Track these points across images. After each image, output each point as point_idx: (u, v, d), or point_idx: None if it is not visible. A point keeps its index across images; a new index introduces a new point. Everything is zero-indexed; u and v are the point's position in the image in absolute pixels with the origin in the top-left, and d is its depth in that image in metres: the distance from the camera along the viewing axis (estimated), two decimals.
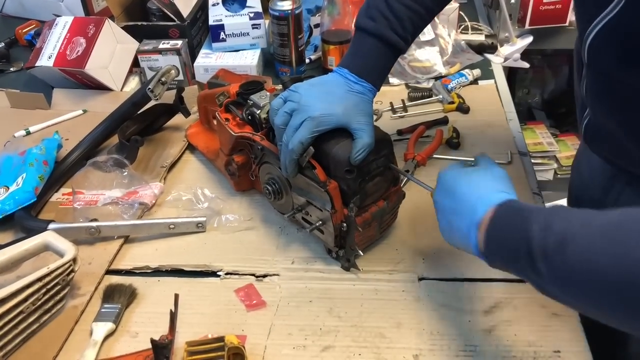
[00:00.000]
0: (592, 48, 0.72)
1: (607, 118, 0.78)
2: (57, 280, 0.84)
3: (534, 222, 0.60)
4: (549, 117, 2.22)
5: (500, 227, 0.66)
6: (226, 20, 1.42)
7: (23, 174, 1.04)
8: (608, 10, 0.67)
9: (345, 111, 0.84)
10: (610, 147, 0.83)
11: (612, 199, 0.91)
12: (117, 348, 0.82)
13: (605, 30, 0.68)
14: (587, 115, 0.83)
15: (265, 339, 0.82)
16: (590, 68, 0.76)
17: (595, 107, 0.80)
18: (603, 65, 0.73)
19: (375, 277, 0.91)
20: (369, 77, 0.87)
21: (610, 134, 0.79)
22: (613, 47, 0.68)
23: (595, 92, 0.78)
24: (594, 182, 0.96)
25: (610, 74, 0.72)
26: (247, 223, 1.02)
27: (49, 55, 1.36)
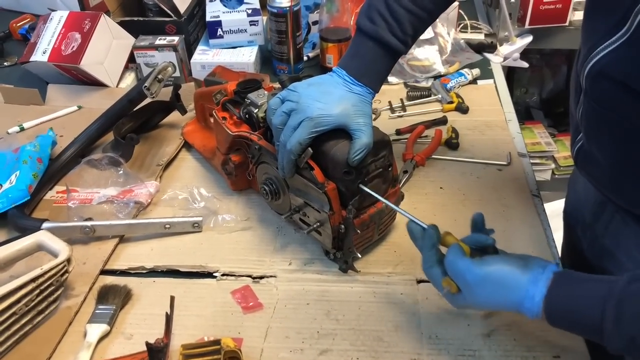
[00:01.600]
0: (591, 75, 0.70)
1: (598, 147, 0.76)
2: (50, 281, 0.82)
3: (605, 317, 0.61)
4: (547, 117, 2.22)
5: (564, 315, 0.65)
6: (223, 16, 1.40)
7: (16, 172, 1.02)
8: (613, 40, 0.65)
9: (343, 112, 0.83)
10: (599, 176, 0.81)
11: (602, 226, 0.89)
12: (112, 350, 0.81)
13: (608, 60, 0.66)
14: (580, 139, 0.81)
15: (262, 342, 0.81)
16: (587, 95, 0.73)
17: (589, 135, 0.77)
18: (601, 95, 0.70)
19: (374, 279, 0.90)
20: (368, 79, 0.86)
21: (599, 163, 0.77)
22: (613, 77, 0.66)
23: (591, 120, 0.75)
24: (587, 204, 0.94)
25: (607, 104, 0.70)
26: (244, 223, 1.01)
27: (44, 50, 1.34)
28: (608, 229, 0.88)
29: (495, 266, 0.69)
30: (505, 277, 0.68)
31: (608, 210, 0.88)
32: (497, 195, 1.05)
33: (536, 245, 0.94)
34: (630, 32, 0.62)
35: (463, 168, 1.12)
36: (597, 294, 0.62)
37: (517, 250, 0.90)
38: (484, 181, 1.08)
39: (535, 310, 0.66)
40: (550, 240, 0.95)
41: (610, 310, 0.60)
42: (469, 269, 0.69)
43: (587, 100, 0.74)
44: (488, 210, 1.00)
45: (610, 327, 0.60)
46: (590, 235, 0.94)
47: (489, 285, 0.69)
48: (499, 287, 0.68)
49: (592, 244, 0.94)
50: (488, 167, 1.11)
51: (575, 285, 0.65)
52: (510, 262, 0.69)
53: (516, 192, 1.05)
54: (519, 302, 0.67)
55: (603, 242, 0.90)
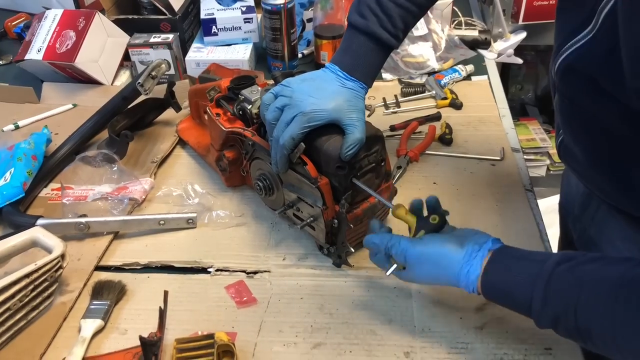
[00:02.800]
0: (560, 71, 0.71)
1: (574, 142, 0.78)
2: (45, 276, 0.83)
3: (534, 296, 0.65)
4: (542, 113, 2.22)
5: (497, 281, 0.70)
6: (218, 14, 1.41)
7: (11, 169, 1.02)
8: (580, 37, 0.66)
9: (336, 107, 0.83)
10: (579, 170, 0.83)
11: (589, 217, 0.91)
12: (106, 345, 0.82)
13: (575, 55, 0.68)
14: (561, 133, 0.82)
15: (255, 336, 0.81)
16: (559, 91, 0.76)
17: (565, 129, 0.79)
18: (570, 90, 0.73)
19: (367, 273, 0.90)
20: (360, 74, 0.86)
21: (579, 157, 0.79)
22: (580, 72, 0.68)
23: (564, 115, 0.78)
24: (576, 196, 0.96)
25: (577, 99, 0.72)
26: (238, 219, 1.01)
27: (39, 48, 1.34)
28: (594, 219, 0.90)
29: (432, 245, 0.74)
30: (440, 256, 0.73)
31: (594, 201, 0.89)
32: (490, 190, 1.05)
33: (529, 239, 0.94)
34: (596, 29, 0.64)
35: (457, 163, 1.12)
36: (528, 273, 0.66)
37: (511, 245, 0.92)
38: (478, 176, 1.09)
39: (471, 287, 0.71)
40: (543, 234, 0.96)
41: (539, 290, 0.64)
42: (407, 249, 0.75)
43: (559, 96, 0.76)
44: (481, 205, 1.02)
45: (538, 306, 0.65)
46: (579, 226, 0.95)
47: (427, 264, 0.74)
48: (435, 266, 0.73)
49: (580, 235, 0.96)
50: (481, 163, 1.12)
51: (509, 263, 0.69)
52: (448, 240, 0.73)
53: (509, 187, 1.06)
54: (455, 279, 0.72)
55: (590, 232, 0.91)
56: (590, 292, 0.62)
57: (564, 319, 0.63)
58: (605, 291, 0.61)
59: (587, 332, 0.62)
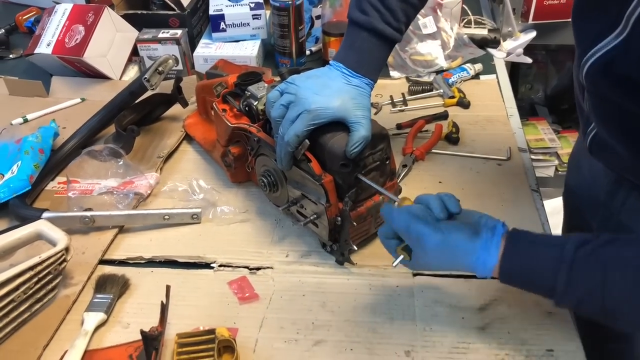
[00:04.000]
0: (590, 75, 0.70)
1: (612, 137, 0.76)
2: (48, 269, 0.83)
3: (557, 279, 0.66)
4: (552, 113, 2.21)
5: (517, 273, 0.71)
6: (227, 10, 1.41)
7: (18, 162, 1.03)
8: (608, 40, 0.65)
9: (342, 104, 0.83)
10: (616, 161, 0.81)
11: (619, 202, 0.89)
12: (108, 338, 0.82)
13: (607, 59, 0.66)
14: (592, 128, 0.80)
15: (257, 332, 0.82)
16: (590, 93, 0.74)
17: (600, 127, 0.77)
18: (604, 92, 0.71)
19: (370, 271, 0.90)
20: (365, 70, 0.86)
21: (616, 149, 0.77)
22: (614, 75, 0.67)
23: (599, 114, 0.75)
24: (597, 184, 0.94)
25: (611, 99, 0.70)
26: (243, 215, 1.01)
27: (48, 42, 1.35)
28: (625, 204, 0.88)
29: (452, 234, 0.72)
30: (459, 244, 0.72)
31: (624, 187, 0.88)
32: (496, 190, 1.04)
33: None
34: (626, 33, 0.62)
35: (463, 163, 1.11)
36: (549, 258, 0.67)
37: None
38: (484, 176, 1.08)
39: (489, 274, 0.71)
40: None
41: (562, 274, 0.65)
42: (427, 234, 0.72)
43: (591, 96, 0.74)
44: (487, 205, 1.01)
45: (561, 290, 0.66)
46: (603, 212, 0.94)
47: (446, 251, 0.72)
48: (454, 254, 0.72)
49: (605, 221, 0.94)
50: (488, 162, 1.11)
51: (526, 249, 0.70)
52: (464, 229, 0.72)
53: (515, 187, 1.05)
54: (472, 267, 0.72)
55: (619, 218, 0.90)
56: (615, 275, 0.64)
57: (589, 301, 0.65)
58: (630, 272, 0.63)
59: (613, 312, 0.65)
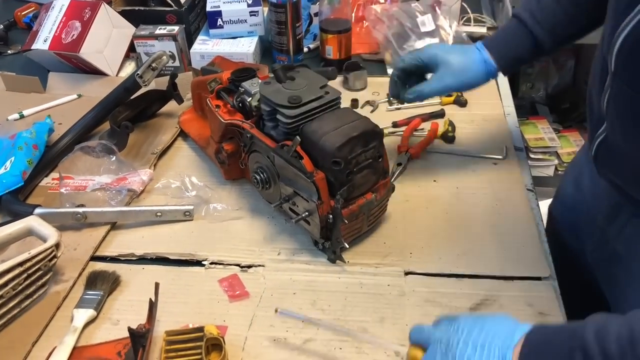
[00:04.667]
0: (622, 52, 0.64)
1: (625, 136, 0.71)
2: (38, 265, 0.83)
3: (586, 330, 0.54)
4: (552, 112, 2.20)
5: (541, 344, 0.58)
6: (224, 6, 1.40)
7: (11, 158, 1.03)
8: None
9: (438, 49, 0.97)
10: (622, 170, 0.77)
11: (616, 229, 0.86)
12: (98, 335, 0.82)
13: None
14: (602, 132, 0.76)
15: (246, 330, 0.81)
16: (616, 77, 0.68)
17: (616, 123, 0.72)
18: (633, 72, 0.65)
19: (361, 270, 0.89)
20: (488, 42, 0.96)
21: (625, 156, 0.73)
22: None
23: (620, 105, 0.70)
24: (597, 205, 0.91)
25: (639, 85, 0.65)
26: (235, 213, 1.01)
27: (45, 38, 1.35)
28: (622, 233, 0.85)
29: None
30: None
31: (624, 213, 0.84)
32: (491, 188, 1.04)
33: (527, 240, 0.93)
34: None
35: (458, 161, 1.11)
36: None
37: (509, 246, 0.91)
38: (479, 174, 1.07)
39: None
40: (542, 235, 0.94)
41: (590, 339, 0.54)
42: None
43: (617, 82, 0.69)
44: (481, 204, 1.00)
45: None
46: (599, 237, 0.91)
47: None
48: None
49: (600, 247, 0.92)
50: (484, 161, 1.10)
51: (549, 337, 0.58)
52: None
53: (510, 186, 1.04)
54: None
55: (615, 246, 0.87)
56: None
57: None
58: None
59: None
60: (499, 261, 0.89)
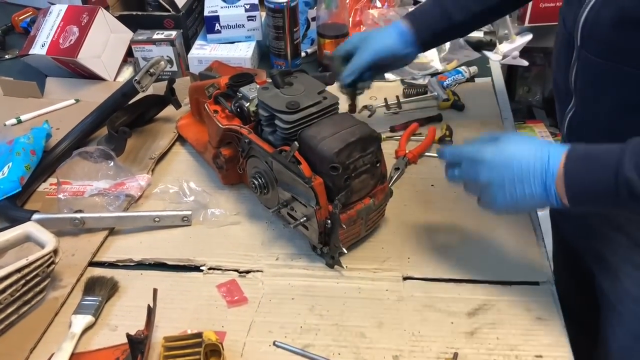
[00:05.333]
0: (585, 25, 0.72)
1: (594, 109, 0.77)
2: (36, 271, 0.83)
3: (626, 170, 0.62)
4: (549, 116, 2.20)
5: (583, 178, 0.66)
6: (221, 11, 1.40)
7: (9, 163, 1.03)
8: None
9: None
10: (595, 140, 0.80)
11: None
12: (96, 341, 0.82)
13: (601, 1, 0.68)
14: (571, 107, 0.81)
15: (244, 335, 0.81)
16: (582, 49, 0.75)
17: (584, 94, 0.78)
18: (597, 41, 0.72)
19: (360, 275, 0.89)
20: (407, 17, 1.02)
21: (595, 125, 0.78)
22: (610, 15, 0.68)
23: (587, 74, 0.76)
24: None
25: (607, 46, 0.71)
26: (233, 218, 1.01)
27: (43, 43, 1.35)
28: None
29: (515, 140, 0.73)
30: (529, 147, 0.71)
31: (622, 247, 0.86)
32: None
33: (525, 245, 0.93)
34: None
35: None
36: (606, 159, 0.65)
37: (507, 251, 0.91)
38: None
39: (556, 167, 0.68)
40: (540, 239, 0.94)
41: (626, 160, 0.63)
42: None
43: (583, 55, 0.75)
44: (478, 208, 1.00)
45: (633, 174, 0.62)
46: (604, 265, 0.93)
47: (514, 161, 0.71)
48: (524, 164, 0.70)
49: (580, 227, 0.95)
50: None
51: (585, 161, 0.67)
52: None
53: None
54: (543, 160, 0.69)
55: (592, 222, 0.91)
56: None
57: None
58: None
59: None
60: (497, 266, 0.89)
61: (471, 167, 0.75)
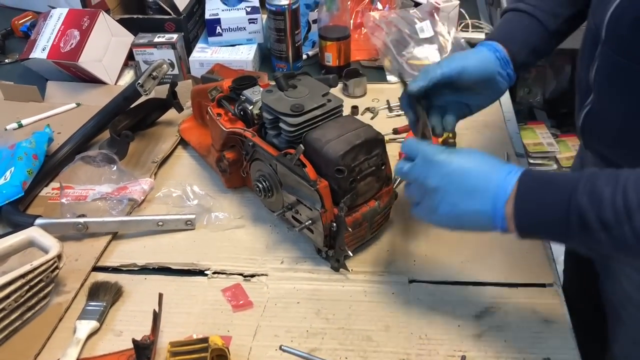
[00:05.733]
0: (611, 21, 0.70)
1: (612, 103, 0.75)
2: (40, 277, 0.82)
3: (579, 196, 0.59)
4: (550, 117, 2.20)
5: (534, 201, 0.63)
6: (223, 14, 1.40)
7: (11, 168, 1.02)
8: None
9: None
10: (607, 138, 0.80)
11: None
12: (101, 347, 0.81)
13: None
14: (589, 103, 0.80)
15: (250, 340, 0.81)
16: (605, 45, 0.73)
17: (602, 91, 0.76)
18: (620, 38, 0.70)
19: (365, 278, 0.89)
20: (495, 36, 0.88)
21: (610, 122, 0.77)
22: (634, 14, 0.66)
23: (607, 72, 0.74)
24: None
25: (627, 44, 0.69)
26: (237, 221, 1.00)
27: (43, 47, 1.35)
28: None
29: (472, 157, 0.70)
30: (480, 171, 0.69)
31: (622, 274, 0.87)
32: None
33: (531, 247, 0.92)
34: None
35: None
36: (562, 185, 0.62)
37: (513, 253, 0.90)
38: None
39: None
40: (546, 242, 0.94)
41: (582, 188, 0.60)
42: (441, 162, 0.70)
43: (605, 51, 0.73)
44: None
45: (588, 205, 0.59)
46: None
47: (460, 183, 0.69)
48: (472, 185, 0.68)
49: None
50: None
51: (541, 184, 0.64)
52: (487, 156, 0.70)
53: None
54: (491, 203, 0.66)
55: None
56: None
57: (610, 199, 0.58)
58: None
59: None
60: (503, 268, 0.89)
61: (423, 166, 0.71)
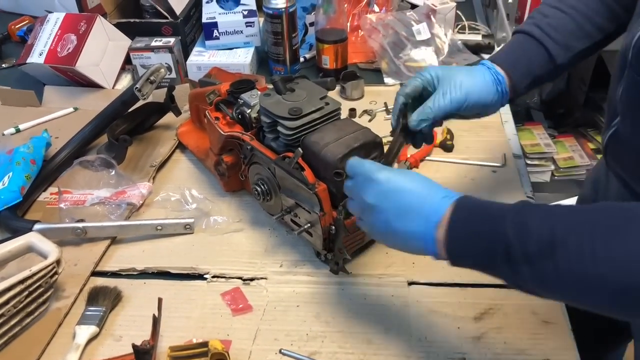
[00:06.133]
0: (637, 44, 0.69)
1: (635, 128, 0.74)
2: (39, 282, 0.82)
3: (507, 226, 0.58)
4: (547, 118, 2.20)
5: (465, 227, 0.62)
6: (220, 17, 1.40)
7: (9, 173, 1.02)
8: None
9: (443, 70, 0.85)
10: (628, 163, 0.80)
11: None
12: (101, 352, 0.81)
13: None
14: (615, 124, 0.79)
15: (250, 344, 0.81)
16: (631, 68, 0.72)
17: (626, 115, 0.75)
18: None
19: (364, 281, 0.89)
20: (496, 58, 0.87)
21: (632, 148, 0.76)
22: None
23: (631, 95, 0.74)
24: None
25: None
26: (236, 225, 1.00)
27: (40, 52, 1.35)
28: None
29: (410, 179, 0.69)
30: (418, 193, 0.68)
31: None
32: (490, 196, 1.02)
33: None
34: None
35: (457, 170, 1.11)
36: (494, 216, 0.61)
37: None
38: (478, 183, 1.07)
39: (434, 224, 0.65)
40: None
41: (510, 221, 0.59)
42: (384, 179, 0.69)
43: (630, 75, 0.72)
44: None
45: (515, 238, 0.58)
46: None
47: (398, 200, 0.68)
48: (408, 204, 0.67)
49: None
50: (483, 169, 1.10)
51: (475, 213, 0.64)
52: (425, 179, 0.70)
53: (510, 194, 1.04)
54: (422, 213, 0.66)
55: None
56: (566, 211, 0.58)
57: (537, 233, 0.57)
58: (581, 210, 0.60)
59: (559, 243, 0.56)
60: None
61: (362, 184, 0.70)
